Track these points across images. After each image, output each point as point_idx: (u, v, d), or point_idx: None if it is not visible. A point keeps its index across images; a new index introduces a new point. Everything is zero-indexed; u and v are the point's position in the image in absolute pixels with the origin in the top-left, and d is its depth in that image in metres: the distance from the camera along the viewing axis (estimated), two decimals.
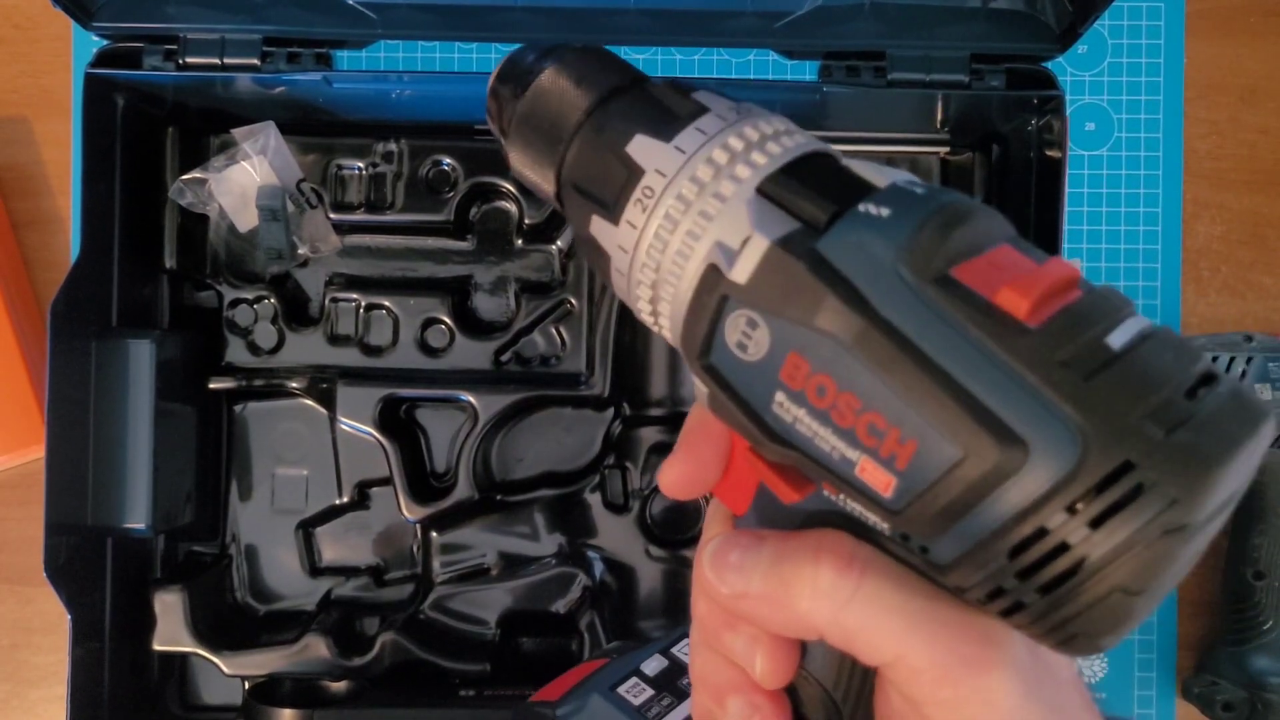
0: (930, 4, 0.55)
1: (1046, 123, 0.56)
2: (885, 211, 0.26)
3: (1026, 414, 0.23)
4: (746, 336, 0.26)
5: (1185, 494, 0.22)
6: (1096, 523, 0.23)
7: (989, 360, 0.24)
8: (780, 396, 0.26)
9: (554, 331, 0.62)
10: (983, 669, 0.26)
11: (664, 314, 0.29)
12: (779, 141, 0.28)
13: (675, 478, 0.31)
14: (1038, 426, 0.23)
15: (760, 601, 0.28)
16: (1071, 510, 0.23)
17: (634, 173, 0.29)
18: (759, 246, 0.26)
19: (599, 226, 0.30)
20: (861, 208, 0.26)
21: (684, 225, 0.28)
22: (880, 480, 0.25)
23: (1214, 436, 0.23)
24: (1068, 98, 0.55)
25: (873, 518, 0.26)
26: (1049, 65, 0.55)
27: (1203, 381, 0.23)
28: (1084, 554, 0.23)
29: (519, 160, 0.32)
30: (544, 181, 0.32)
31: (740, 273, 0.26)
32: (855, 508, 0.27)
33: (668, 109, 0.30)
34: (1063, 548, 0.23)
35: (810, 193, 0.27)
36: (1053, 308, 0.24)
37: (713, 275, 0.27)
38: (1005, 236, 0.26)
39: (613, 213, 0.29)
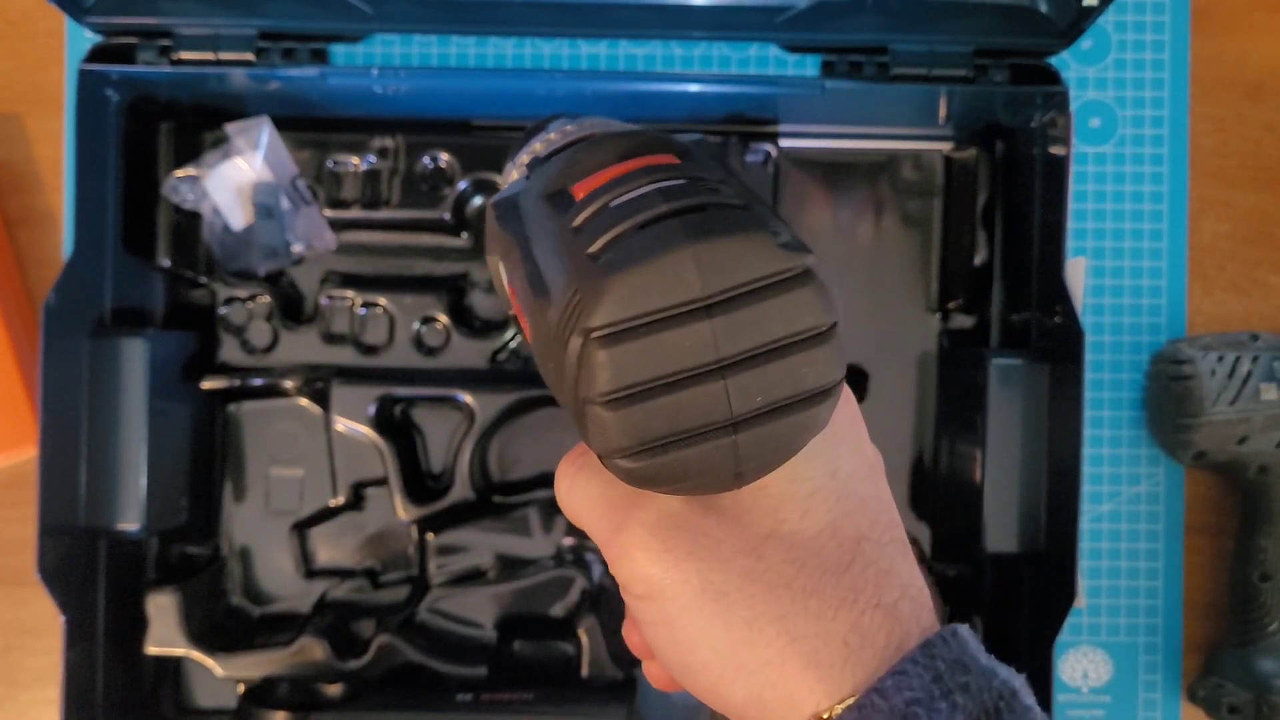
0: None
1: (1051, 118, 0.55)
2: (551, 168, 0.32)
3: (549, 273, 0.28)
4: (497, 271, 0.34)
5: (594, 301, 0.26)
6: (566, 344, 0.26)
7: (546, 239, 0.29)
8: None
9: None
10: (623, 529, 0.30)
11: None
12: (565, 134, 0.36)
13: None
14: (552, 280, 0.28)
15: (566, 510, 0.33)
16: (563, 340, 0.27)
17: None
18: (488, 206, 0.34)
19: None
20: (542, 167, 0.33)
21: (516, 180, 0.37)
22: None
23: (625, 253, 0.26)
24: (1072, 93, 0.55)
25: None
26: (1053, 60, 0.55)
27: (674, 214, 0.27)
28: (569, 374, 0.26)
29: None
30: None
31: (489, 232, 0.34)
32: None
33: (535, 130, 0.38)
34: (571, 374, 0.27)
35: (540, 160, 0.35)
36: (596, 187, 0.29)
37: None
38: (615, 156, 0.30)
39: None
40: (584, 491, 0.32)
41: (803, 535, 0.29)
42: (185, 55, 0.55)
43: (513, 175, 0.37)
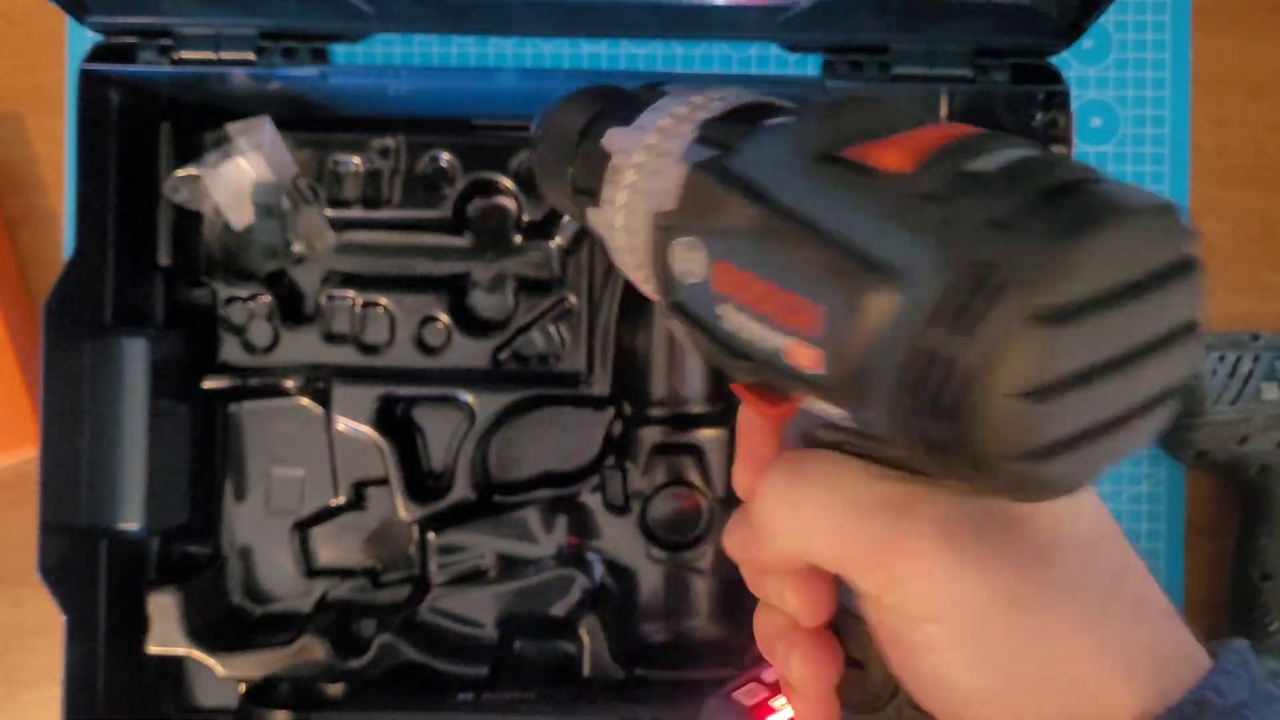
0: None
1: (1051, 118, 0.55)
2: (786, 119, 0.29)
3: (893, 247, 0.24)
4: (687, 260, 0.29)
5: (1042, 274, 0.22)
6: (970, 329, 0.22)
7: (862, 211, 0.25)
8: (721, 308, 0.28)
9: (553, 330, 0.61)
10: (906, 543, 0.26)
11: (645, 277, 0.32)
12: (725, 99, 0.32)
13: (747, 479, 0.33)
14: (904, 255, 0.24)
15: (747, 547, 0.31)
16: (952, 324, 0.22)
17: (605, 159, 0.33)
18: (680, 174, 0.30)
19: (592, 215, 0.34)
20: (767, 122, 0.29)
21: (641, 186, 0.31)
22: (807, 358, 0.26)
23: (1071, 220, 0.22)
24: (1073, 93, 0.55)
25: (831, 410, 0.27)
26: (1054, 60, 0.55)
27: (1079, 183, 0.23)
28: (966, 363, 0.22)
29: (546, 188, 0.37)
30: (567, 200, 0.36)
31: (670, 202, 0.29)
32: (818, 406, 0.27)
33: (636, 99, 0.34)
34: (950, 364, 0.22)
35: (732, 125, 0.30)
36: (927, 154, 0.25)
37: (660, 219, 0.30)
38: (902, 124, 0.27)
39: (597, 198, 0.33)
40: (821, 502, 0.28)
41: (1081, 538, 0.27)
42: (186, 55, 0.55)
43: (646, 141, 0.32)
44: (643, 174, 0.31)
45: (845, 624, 0.31)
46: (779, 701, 0.43)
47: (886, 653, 0.28)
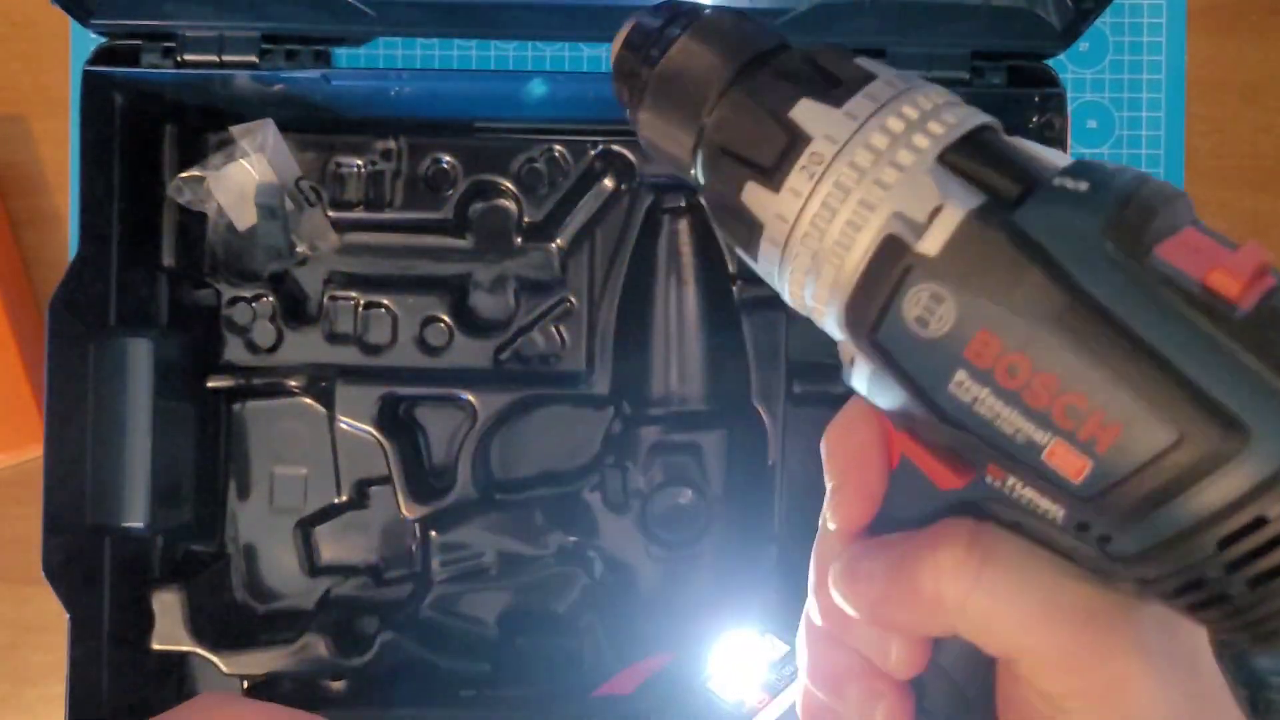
0: (931, 1, 0.55)
1: (1048, 120, 0.56)
2: (1082, 185, 0.25)
3: (1246, 397, 0.22)
4: (929, 311, 0.25)
5: None
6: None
7: (1205, 341, 0.23)
8: (961, 375, 0.25)
9: (554, 330, 0.61)
10: (1111, 655, 0.26)
11: (822, 289, 0.27)
12: (952, 112, 0.27)
13: (852, 516, 0.30)
14: (1259, 410, 0.22)
15: (889, 604, 0.28)
16: None
17: (799, 138, 0.27)
18: (952, 217, 0.25)
19: (754, 194, 0.28)
20: (1056, 181, 0.25)
21: (857, 194, 0.27)
22: (1072, 465, 0.24)
23: None
24: (1069, 95, 0.55)
25: (1046, 505, 0.25)
26: (1050, 62, 0.55)
27: None
28: None
29: (652, 126, 0.31)
30: (679, 149, 0.30)
31: (930, 244, 0.25)
32: (1026, 494, 0.25)
33: (832, 74, 0.28)
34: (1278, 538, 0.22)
35: (997, 164, 0.26)
36: (1258, 292, 0.23)
37: (893, 247, 0.26)
38: (1191, 219, 0.25)
39: (773, 179, 0.28)
40: (1019, 598, 0.26)
41: (1198, 636, 0.27)
42: (190, 58, 0.55)
43: (871, 140, 0.27)
44: (862, 182, 0.26)
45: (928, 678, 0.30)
46: None
47: None
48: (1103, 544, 0.24)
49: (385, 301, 0.61)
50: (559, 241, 0.62)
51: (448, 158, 0.61)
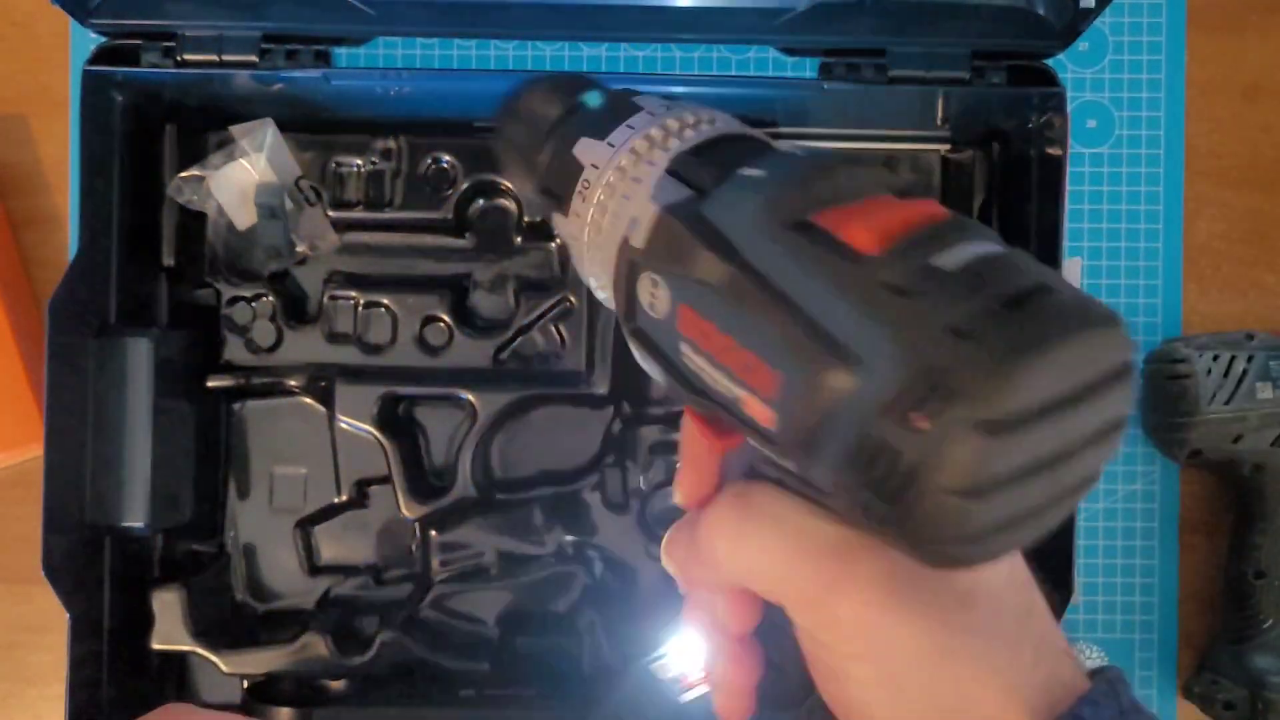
0: (931, 0, 0.55)
1: (1048, 120, 0.56)
2: (760, 172, 0.29)
3: (855, 333, 0.25)
4: (652, 295, 0.30)
5: (990, 389, 0.23)
6: (917, 428, 0.24)
7: (829, 289, 0.26)
8: (683, 347, 0.29)
9: (553, 329, 0.61)
10: (855, 585, 0.28)
11: (609, 291, 0.33)
12: (697, 128, 0.32)
13: (688, 490, 0.34)
14: (866, 344, 0.25)
15: (690, 566, 0.33)
16: (902, 420, 0.24)
17: (576, 169, 0.33)
18: (651, 213, 0.30)
19: (558, 221, 0.35)
20: (742, 171, 0.29)
21: (610, 207, 0.32)
22: (761, 414, 0.27)
23: (1026, 335, 0.24)
24: (1069, 95, 0.55)
25: (773, 456, 0.28)
26: (1050, 62, 0.55)
27: (1033, 293, 0.25)
28: (911, 458, 0.24)
29: (510, 175, 0.40)
30: (529, 189, 0.36)
31: (639, 238, 0.30)
32: (764, 451, 0.29)
33: (610, 111, 0.34)
34: (897, 455, 0.24)
35: (706, 164, 0.30)
36: (895, 238, 0.26)
37: (624, 246, 0.31)
38: (891, 188, 0.28)
39: (563, 206, 0.34)
40: (770, 545, 0.29)
41: (995, 583, 0.29)
42: (190, 57, 0.55)
43: (619, 163, 0.32)
44: (613, 197, 0.32)
45: (768, 630, 0.33)
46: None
47: (812, 671, 0.31)
48: (812, 486, 0.28)
49: (385, 301, 0.61)
50: (559, 241, 0.62)
51: (448, 157, 0.61)
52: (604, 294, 0.34)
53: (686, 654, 0.43)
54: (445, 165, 0.61)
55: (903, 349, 0.24)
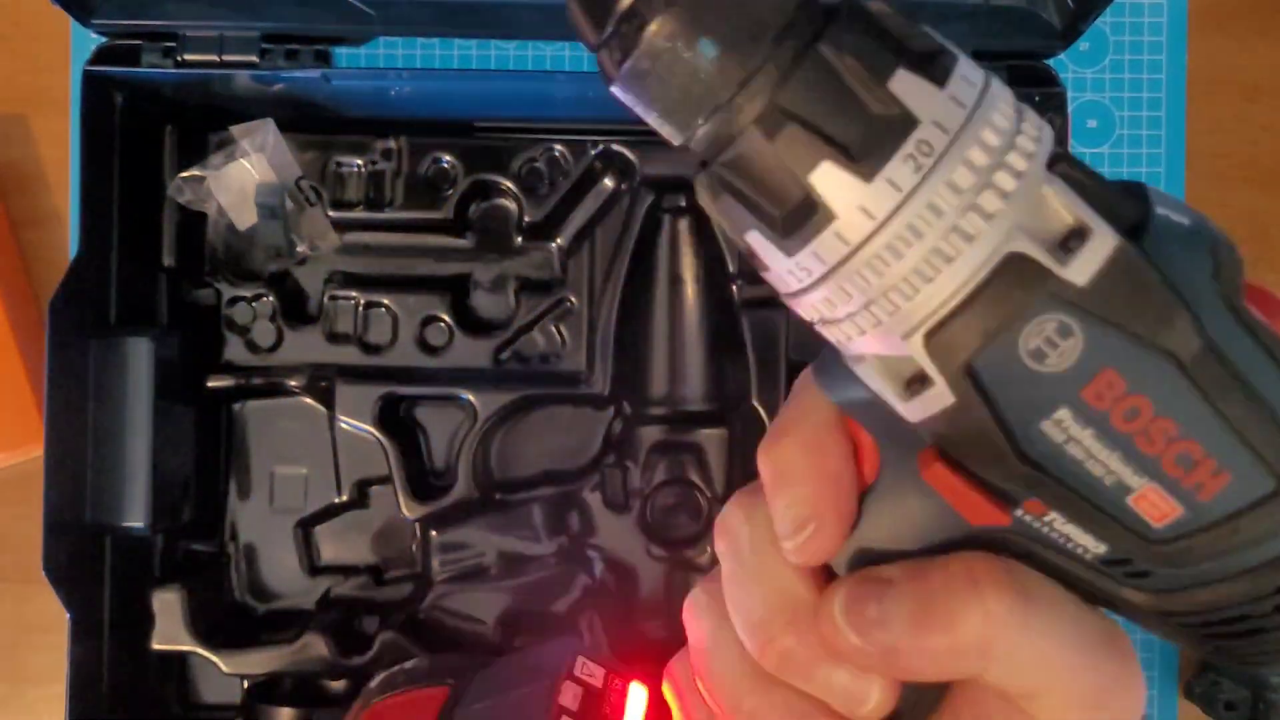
0: (930, 0, 0.54)
1: (1048, 120, 0.55)
2: (1184, 220, 0.23)
3: None
4: (1050, 344, 0.22)
5: None
6: None
7: None
8: (1063, 414, 0.22)
9: (554, 330, 0.61)
10: (1133, 681, 0.26)
11: (897, 303, 0.23)
12: (1034, 119, 0.24)
13: (829, 547, 0.27)
14: None
15: (911, 651, 0.25)
16: None
17: (905, 120, 0.22)
18: (1104, 243, 0.22)
19: (832, 177, 0.22)
20: (1160, 211, 0.23)
21: (972, 198, 0.22)
22: (1159, 510, 0.23)
23: None
24: (1069, 95, 0.55)
25: (1087, 542, 0.24)
26: (1050, 62, 0.55)
27: None
28: None
29: (678, 38, 0.22)
30: (708, 92, 0.23)
31: (1078, 272, 0.22)
32: (1066, 530, 0.24)
33: (921, 44, 0.23)
34: None
35: (1107, 183, 0.23)
36: None
37: (1021, 267, 0.22)
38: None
39: (864, 165, 0.22)
40: (1058, 634, 0.25)
41: None
42: (190, 57, 0.55)
43: (983, 136, 0.22)
44: (980, 188, 0.22)
45: None
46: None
47: None
48: (1135, 578, 0.24)
49: (385, 301, 0.61)
50: (559, 241, 0.62)
51: (448, 157, 0.61)
52: (847, 298, 0.23)
53: (577, 714, 0.41)
54: (445, 165, 0.61)
55: None
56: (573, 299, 0.61)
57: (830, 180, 0.22)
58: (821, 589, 0.27)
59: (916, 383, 0.23)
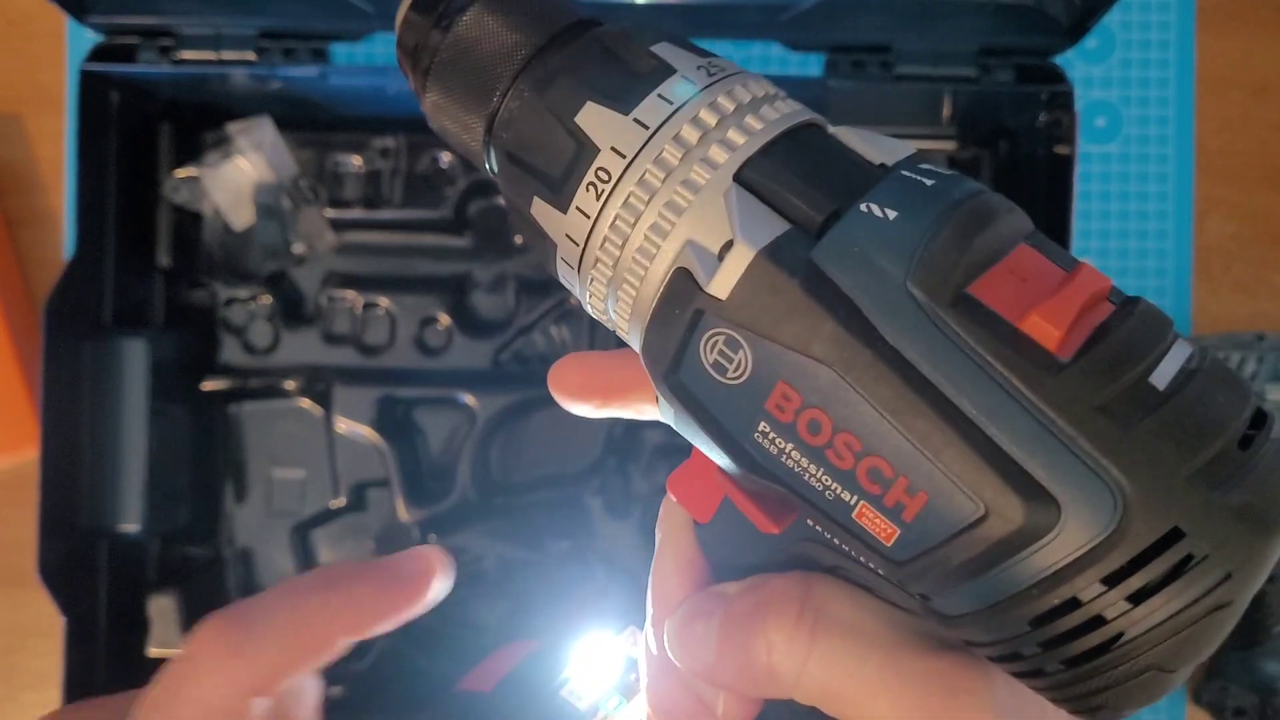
0: None
1: (1055, 118, 0.55)
2: (891, 213, 0.21)
3: (1060, 469, 0.20)
4: (725, 357, 0.22)
5: (1240, 567, 0.19)
6: (1137, 597, 0.20)
7: (1016, 403, 0.20)
8: (764, 426, 0.22)
9: (554, 330, 0.61)
10: (961, 716, 0.24)
11: (623, 315, 0.25)
12: (759, 114, 0.23)
13: (674, 588, 0.31)
14: (1072, 484, 0.20)
15: (721, 671, 0.26)
16: (1109, 582, 0.20)
17: (585, 149, 0.24)
18: (743, 256, 0.22)
19: (543, 210, 0.25)
20: (863, 206, 0.22)
21: (648, 218, 0.23)
22: (881, 529, 0.21)
23: (1271, 496, 0.20)
24: (1077, 93, 0.55)
25: (865, 557, 0.23)
26: (1058, 60, 0.54)
27: (1254, 424, 0.20)
28: (1120, 630, 0.20)
29: (439, 111, 0.26)
30: (471, 139, 0.26)
31: (720, 285, 0.22)
32: (847, 544, 0.23)
33: (625, 68, 0.24)
34: (1097, 621, 0.20)
35: (801, 185, 0.23)
36: (1085, 334, 0.20)
37: (684, 282, 0.23)
38: (1023, 233, 0.22)
39: (559, 196, 0.24)
40: (857, 657, 0.24)
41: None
42: (186, 55, 0.55)
43: (660, 154, 0.23)
44: (652, 202, 0.23)
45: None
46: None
47: None
48: (924, 601, 0.22)
49: (383, 302, 0.61)
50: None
51: (446, 156, 0.61)
52: (602, 311, 0.26)
53: (595, 678, 0.41)
54: (444, 164, 0.61)
55: (1130, 499, 0.19)
56: (573, 299, 0.61)
57: (542, 211, 0.25)
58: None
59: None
